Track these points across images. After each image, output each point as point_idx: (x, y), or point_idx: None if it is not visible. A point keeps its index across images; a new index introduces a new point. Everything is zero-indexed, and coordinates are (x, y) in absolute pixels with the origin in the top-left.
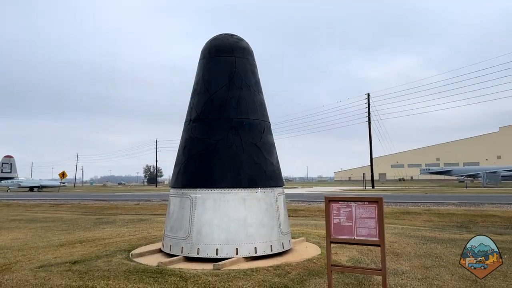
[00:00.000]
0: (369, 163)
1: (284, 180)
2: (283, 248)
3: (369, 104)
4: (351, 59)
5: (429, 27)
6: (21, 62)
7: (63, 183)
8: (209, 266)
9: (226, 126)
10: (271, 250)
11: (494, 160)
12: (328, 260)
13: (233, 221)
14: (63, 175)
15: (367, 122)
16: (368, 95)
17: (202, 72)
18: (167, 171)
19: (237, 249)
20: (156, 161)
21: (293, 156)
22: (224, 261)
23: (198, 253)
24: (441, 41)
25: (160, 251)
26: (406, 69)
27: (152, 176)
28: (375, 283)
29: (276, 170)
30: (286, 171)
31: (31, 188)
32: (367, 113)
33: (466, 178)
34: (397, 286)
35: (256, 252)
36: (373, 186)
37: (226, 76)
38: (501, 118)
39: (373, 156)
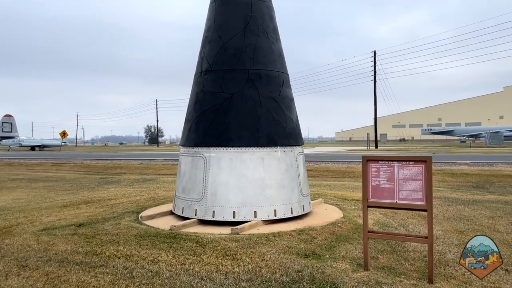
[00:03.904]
0: (371, 124)
1: None
2: (303, 210)
3: (375, 63)
4: (358, 15)
5: None
6: (21, 21)
7: (64, 142)
8: (226, 230)
9: (241, 78)
10: (292, 213)
11: (496, 120)
12: (365, 226)
13: (251, 182)
14: (64, 134)
15: (372, 82)
16: (375, 53)
17: (214, 16)
18: (168, 131)
19: (255, 211)
20: (157, 121)
21: None
22: (243, 225)
23: (213, 216)
24: None
25: (171, 213)
26: (415, 25)
27: (153, 136)
28: (410, 250)
29: (296, 128)
30: None
31: (33, 148)
32: (372, 72)
33: (467, 138)
34: (436, 253)
35: (275, 215)
36: (376, 146)
37: (241, 21)
38: (507, 78)
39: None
